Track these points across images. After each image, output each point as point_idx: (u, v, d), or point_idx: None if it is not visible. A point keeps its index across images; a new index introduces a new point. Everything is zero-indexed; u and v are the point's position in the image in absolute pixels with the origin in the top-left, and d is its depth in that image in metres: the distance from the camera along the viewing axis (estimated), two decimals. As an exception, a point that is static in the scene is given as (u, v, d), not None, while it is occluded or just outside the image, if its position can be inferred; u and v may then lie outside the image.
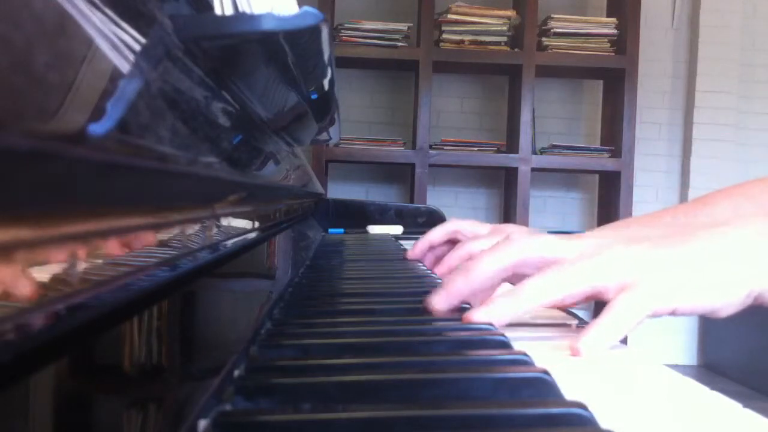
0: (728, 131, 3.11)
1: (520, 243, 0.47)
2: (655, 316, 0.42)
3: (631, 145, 2.83)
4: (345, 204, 1.40)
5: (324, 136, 1.09)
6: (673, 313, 0.43)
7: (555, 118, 3.18)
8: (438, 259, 0.76)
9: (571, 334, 0.45)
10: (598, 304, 2.84)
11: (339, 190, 3.09)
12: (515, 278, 0.49)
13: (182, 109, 0.29)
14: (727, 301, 0.43)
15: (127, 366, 0.22)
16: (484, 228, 0.78)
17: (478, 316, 0.42)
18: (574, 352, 0.40)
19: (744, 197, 0.79)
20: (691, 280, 0.43)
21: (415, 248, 0.79)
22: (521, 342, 0.37)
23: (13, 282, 0.14)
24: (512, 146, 2.88)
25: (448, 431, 0.24)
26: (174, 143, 0.25)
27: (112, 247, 0.19)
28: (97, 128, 0.17)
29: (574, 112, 3.21)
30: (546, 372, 0.29)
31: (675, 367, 0.55)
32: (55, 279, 0.15)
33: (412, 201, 2.76)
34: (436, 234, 0.79)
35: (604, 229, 0.58)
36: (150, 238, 0.23)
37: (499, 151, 2.88)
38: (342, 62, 2.77)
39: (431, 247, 0.80)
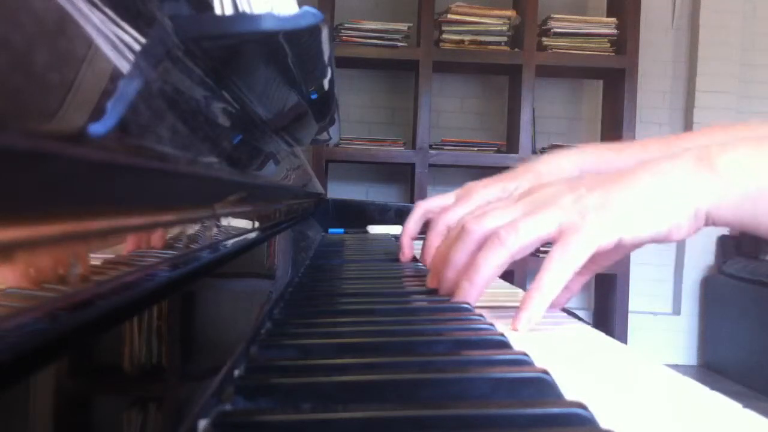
0: (728, 131, 3.10)
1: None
2: (602, 251, 0.44)
3: (631, 145, 2.82)
4: (345, 204, 1.40)
5: (324, 136, 1.09)
6: (620, 244, 0.44)
7: (555, 118, 3.18)
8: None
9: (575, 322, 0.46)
10: (598, 305, 2.82)
11: (339, 190, 3.09)
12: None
13: (182, 109, 0.29)
14: (675, 223, 0.44)
15: (127, 366, 0.22)
16: (449, 198, 0.79)
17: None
18: (514, 327, 0.43)
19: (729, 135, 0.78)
20: (631, 210, 0.44)
21: (403, 249, 0.79)
22: (520, 341, 0.37)
23: (13, 282, 0.14)
24: (512, 146, 2.88)
25: (448, 431, 0.24)
26: (174, 143, 0.25)
27: (112, 247, 0.19)
28: (96, 128, 0.17)
29: (574, 112, 3.21)
30: (546, 372, 0.29)
31: (675, 367, 0.55)
32: (55, 279, 0.15)
33: (412, 201, 2.76)
34: (411, 225, 0.79)
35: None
36: (150, 238, 0.23)
37: (499, 151, 2.88)
38: (342, 62, 2.76)
39: (414, 239, 0.80)
